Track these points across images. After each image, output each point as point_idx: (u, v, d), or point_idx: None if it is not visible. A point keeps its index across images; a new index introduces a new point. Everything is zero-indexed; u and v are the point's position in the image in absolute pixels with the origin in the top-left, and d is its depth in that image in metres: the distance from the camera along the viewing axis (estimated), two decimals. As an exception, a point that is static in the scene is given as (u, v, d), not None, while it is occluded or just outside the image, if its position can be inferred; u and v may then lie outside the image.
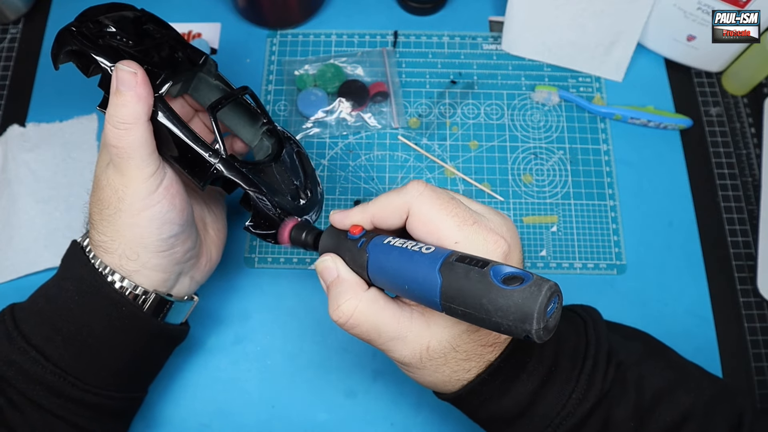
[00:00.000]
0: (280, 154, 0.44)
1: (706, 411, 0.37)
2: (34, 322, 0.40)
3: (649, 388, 0.37)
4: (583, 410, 0.35)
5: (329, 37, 0.64)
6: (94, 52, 0.38)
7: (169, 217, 0.39)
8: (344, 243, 0.36)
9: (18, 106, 0.61)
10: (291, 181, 0.43)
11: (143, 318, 0.41)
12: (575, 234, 0.57)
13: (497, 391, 0.35)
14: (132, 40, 0.40)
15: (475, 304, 0.27)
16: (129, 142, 0.36)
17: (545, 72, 0.64)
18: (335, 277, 0.35)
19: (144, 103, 0.36)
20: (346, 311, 0.34)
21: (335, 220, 0.37)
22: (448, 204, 0.33)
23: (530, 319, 0.26)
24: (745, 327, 0.54)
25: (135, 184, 0.38)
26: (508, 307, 0.26)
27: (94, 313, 0.40)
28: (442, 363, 0.34)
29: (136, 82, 0.36)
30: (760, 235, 0.56)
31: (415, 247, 0.31)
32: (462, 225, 0.32)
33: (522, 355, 0.36)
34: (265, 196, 0.40)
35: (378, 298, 0.34)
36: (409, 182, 0.35)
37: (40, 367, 0.38)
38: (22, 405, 0.39)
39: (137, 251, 0.39)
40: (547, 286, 0.26)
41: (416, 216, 0.33)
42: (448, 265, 0.29)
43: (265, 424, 0.50)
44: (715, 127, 0.62)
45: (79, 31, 0.39)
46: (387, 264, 0.32)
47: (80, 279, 0.40)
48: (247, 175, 0.40)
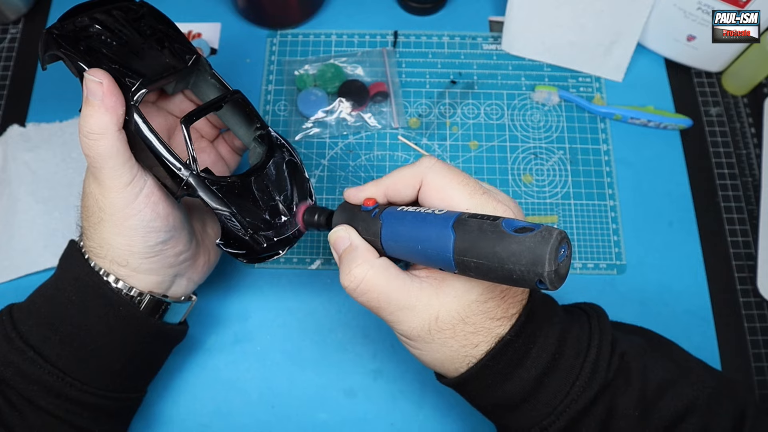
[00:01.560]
0: (264, 166, 0.42)
1: (709, 404, 0.36)
2: (32, 323, 0.40)
3: (653, 379, 0.37)
4: (587, 398, 0.35)
5: (329, 37, 0.64)
6: (73, 56, 0.37)
7: (153, 225, 0.39)
8: (358, 215, 0.37)
9: (18, 106, 0.61)
10: (272, 196, 0.41)
11: (140, 318, 0.41)
12: (575, 234, 0.57)
13: (501, 376, 0.35)
14: (116, 40, 0.39)
15: (488, 253, 0.28)
16: (99, 152, 0.36)
17: (545, 72, 0.64)
18: (348, 245, 0.36)
19: (112, 113, 0.36)
20: (358, 275, 0.34)
21: (349, 195, 0.38)
22: (459, 175, 0.35)
23: (542, 261, 0.26)
24: (745, 327, 0.54)
25: (112, 194, 0.37)
26: (521, 252, 0.27)
27: (92, 312, 0.40)
28: (450, 336, 0.35)
29: (102, 92, 0.35)
30: (760, 235, 0.56)
31: (429, 211, 0.33)
32: (473, 194, 0.34)
33: (527, 339, 0.35)
34: (234, 216, 0.39)
35: (389, 266, 0.35)
36: (421, 157, 0.36)
37: (38, 368, 0.38)
38: (21, 405, 0.39)
39: (126, 258, 0.39)
40: (557, 232, 0.27)
41: (429, 185, 0.35)
42: (461, 221, 0.30)
43: (265, 424, 0.50)
44: (715, 127, 0.62)
45: (61, 33, 0.38)
46: (401, 228, 0.33)
47: (77, 279, 0.40)
48: (217, 193, 0.38)
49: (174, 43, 0.42)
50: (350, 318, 0.54)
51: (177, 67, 0.41)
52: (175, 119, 0.46)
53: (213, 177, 0.39)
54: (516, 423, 0.37)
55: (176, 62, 0.41)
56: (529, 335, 0.35)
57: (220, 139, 0.48)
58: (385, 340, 0.53)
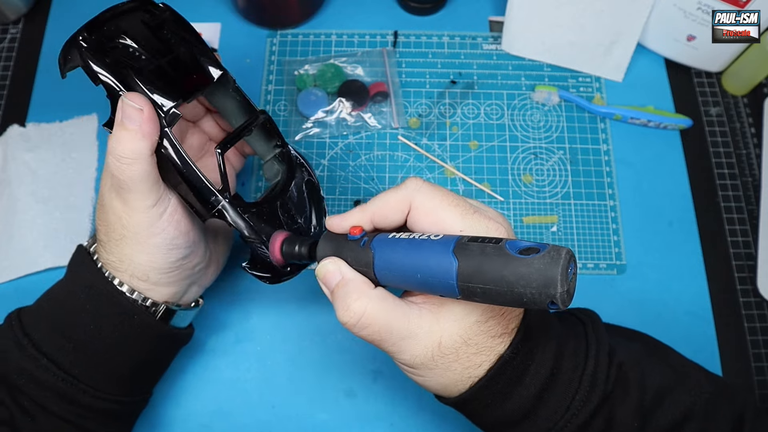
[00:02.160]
0: (287, 187, 0.41)
1: (708, 410, 0.36)
2: (44, 329, 0.40)
3: (651, 387, 0.37)
4: (587, 411, 0.35)
5: (329, 37, 0.64)
6: (102, 71, 0.36)
7: (176, 243, 0.39)
8: (345, 245, 0.35)
9: (18, 106, 0.61)
10: (295, 219, 0.41)
11: (155, 326, 0.41)
12: (575, 234, 0.57)
13: (500, 395, 0.35)
14: (145, 53, 0.38)
15: (496, 278, 0.27)
16: (131, 176, 0.36)
17: (545, 72, 0.64)
18: (340, 279, 0.34)
19: (148, 140, 0.35)
20: (357, 311, 0.33)
21: (333, 224, 0.36)
22: (448, 195, 0.34)
23: (554, 282, 0.26)
24: (745, 327, 0.54)
25: (138, 215, 0.37)
26: (530, 275, 0.26)
27: (106, 321, 0.40)
28: (453, 359, 0.34)
29: (141, 119, 0.35)
30: (760, 235, 0.56)
31: (423, 236, 0.31)
32: (464, 214, 0.33)
33: (525, 356, 0.35)
34: (264, 245, 0.39)
35: (387, 296, 0.34)
36: (406, 179, 0.35)
37: (52, 375, 0.38)
38: (33, 411, 0.39)
39: (146, 274, 0.39)
40: (565, 251, 0.27)
41: (418, 209, 0.34)
42: (461, 246, 0.29)
43: (265, 424, 0.50)
44: (715, 127, 0.62)
45: (88, 43, 0.37)
46: (395, 257, 0.32)
47: (91, 287, 0.40)
48: (249, 222, 0.38)
49: (200, 55, 0.41)
50: (350, 318, 0.54)
51: (203, 83, 0.40)
52: (186, 124, 0.46)
53: (244, 204, 0.39)
54: None
55: (201, 76, 0.40)
56: (527, 352, 0.35)
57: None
58: (385, 340, 0.53)
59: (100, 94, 0.39)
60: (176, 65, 0.39)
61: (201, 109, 0.47)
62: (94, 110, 0.61)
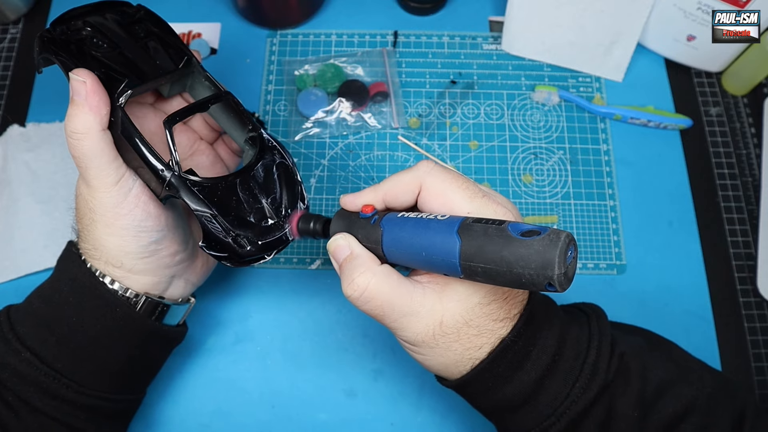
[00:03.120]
0: (251, 168, 0.41)
1: (709, 404, 0.37)
2: (29, 324, 0.40)
3: (653, 379, 0.37)
4: (587, 400, 0.35)
5: (329, 37, 0.64)
6: (63, 59, 0.37)
7: (145, 225, 0.39)
8: (356, 222, 0.36)
9: (18, 106, 0.61)
10: (258, 199, 0.41)
11: (137, 319, 0.41)
12: (575, 234, 0.57)
13: (501, 378, 0.35)
14: (107, 43, 0.39)
15: (496, 258, 0.28)
16: (83, 151, 0.36)
17: (545, 72, 0.64)
18: (348, 254, 0.36)
19: (96, 113, 0.36)
20: (361, 284, 0.34)
21: (346, 202, 0.37)
22: (459, 178, 0.34)
23: (552, 264, 0.26)
24: (745, 327, 0.54)
25: (99, 194, 0.37)
26: (530, 256, 0.27)
27: (88, 314, 0.40)
28: (454, 339, 0.34)
29: (86, 91, 0.35)
30: (760, 235, 0.56)
31: (431, 216, 0.32)
32: (473, 197, 0.34)
33: (526, 342, 0.35)
34: (215, 218, 0.38)
35: (392, 272, 0.35)
36: (418, 162, 0.35)
37: (34, 369, 0.38)
38: (17, 406, 0.38)
39: (119, 259, 0.39)
40: (565, 234, 0.27)
41: (428, 190, 0.34)
42: (465, 226, 0.30)
43: (265, 424, 0.50)
44: (715, 127, 0.62)
45: (52, 36, 0.38)
46: (403, 235, 0.33)
47: (74, 280, 0.40)
48: (197, 194, 0.38)
49: (168, 47, 0.42)
50: (350, 318, 0.54)
51: (167, 69, 0.41)
52: None
53: (195, 179, 0.38)
54: (516, 425, 0.37)
55: (167, 65, 0.41)
56: (529, 337, 0.35)
57: (220, 141, 0.48)
58: (385, 340, 0.53)
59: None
60: (138, 52, 0.40)
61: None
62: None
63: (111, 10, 0.42)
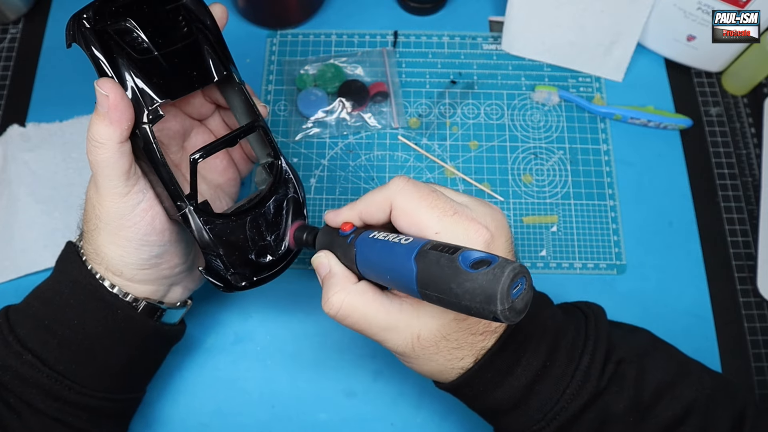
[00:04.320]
0: (265, 202, 0.41)
1: (708, 405, 0.37)
2: (29, 326, 0.40)
3: (651, 382, 0.37)
4: (577, 405, 0.35)
5: (329, 37, 0.64)
6: (95, 58, 0.36)
7: (148, 240, 0.39)
8: (336, 240, 0.38)
9: (18, 106, 0.61)
10: (263, 236, 0.41)
11: (139, 321, 0.41)
12: (575, 234, 0.57)
13: (491, 383, 0.36)
14: (152, 40, 0.37)
15: (446, 289, 0.28)
16: (97, 159, 0.36)
17: (545, 72, 0.64)
18: (327, 272, 0.37)
19: (116, 127, 0.35)
20: (335, 303, 0.35)
21: (328, 219, 0.39)
22: (428, 196, 0.34)
23: (494, 300, 0.26)
24: (745, 327, 0.54)
25: (108, 203, 0.37)
26: (474, 290, 0.27)
27: (90, 315, 0.40)
28: (434, 352, 0.35)
29: (108, 105, 0.35)
30: (760, 235, 0.56)
31: (396, 239, 0.33)
32: (442, 216, 0.33)
33: (517, 348, 0.36)
34: (219, 258, 0.39)
35: (367, 290, 0.36)
36: (393, 179, 0.36)
37: (36, 371, 0.38)
38: (19, 408, 0.38)
39: (119, 268, 0.39)
40: (510, 268, 0.27)
41: (398, 210, 0.35)
42: (422, 253, 0.30)
43: (265, 424, 0.50)
44: (715, 127, 0.62)
45: (90, 22, 0.35)
46: (372, 256, 0.34)
47: (75, 281, 0.40)
48: (208, 233, 0.38)
49: (212, 51, 0.39)
50: (350, 318, 0.54)
51: (204, 81, 0.39)
52: (191, 122, 0.46)
53: (208, 215, 0.38)
54: (509, 427, 0.38)
55: (206, 75, 0.39)
56: (519, 344, 0.36)
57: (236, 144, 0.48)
58: (385, 340, 0.53)
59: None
60: (178, 58, 0.38)
61: (209, 108, 0.46)
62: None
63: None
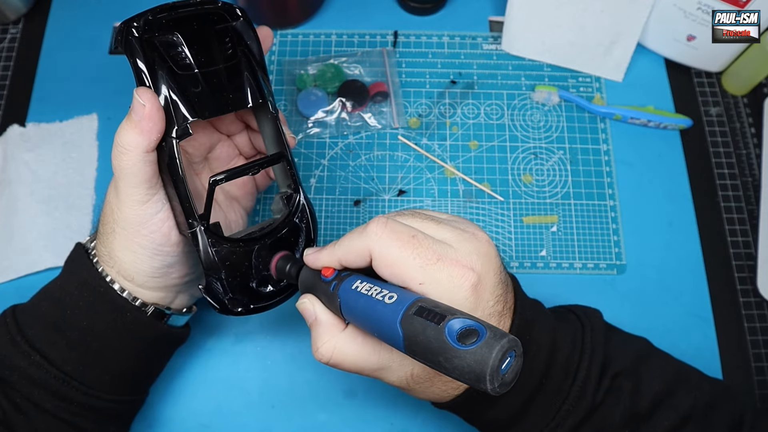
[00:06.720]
0: (272, 236, 0.40)
1: (706, 412, 0.37)
2: (37, 326, 0.40)
3: (647, 393, 0.37)
4: (573, 422, 0.36)
5: (329, 37, 0.64)
6: (139, 69, 0.36)
7: (162, 250, 0.39)
8: (319, 284, 0.36)
9: (18, 106, 0.61)
10: (267, 267, 0.41)
11: (147, 323, 0.41)
12: (575, 234, 0.57)
13: (487, 402, 0.36)
14: (193, 58, 0.37)
15: (434, 361, 0.28)
16: (121, 165, 0.36)
17: (545, 72, 0.64)
18: (314, 319, 0.36)
19: (145, 137, 0.35)
20: (325, 353, 0.35)
21: (308, 261, 0.37)
22: (409, 243, 0.32)
23: (483, 380, 0.26)
24: (745, 327, 0.54)
25: (126, 209, 0.37)
26: (463, 368, 0.27)
27: (99, 318, 0.40)
28: (429, 385, 0.36)
29: (142, 114, 0.35)
30: (760, 235, 0.56)
31: (379, 295, 0.31)
32: (425, 265, 0.32)
33: None
34: (220, 281, 0.38)
35: (356, 336, 0.35)
36: (370, 222, 0.34)
37: (44, 372, 0.38)
38: (26, 408, 0.39)
39: (131, 274, 0.39)
40: (498, 347, 0.26)
41: (379, 259, 0.33)
42: (407, 318, 0.29)
43: (265, 424, 0.50)
44: (715, 127, 0.62)
45: (140, 35, 0.36)
46: (356, 310, 0.33)
47: (84, 283, 0.40)
48: (213, 255, 0.38)
49: (251, 77, 0.40)
50: (350, 318, 0.54)
51: (239, 105, 0.39)
52: (219, 136, 0.46)
53: (216, 238, 0.38)
54: None
55: (241, 99, 0.39)
56: None
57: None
58: (385, 340, 0.53)
59: (100, 94, 0.39)
60: (217, 79, 0.38)
61: (239, 126, 0.46)
62: (94, 110, 0.60)
63: (212, 13, 0.39)
